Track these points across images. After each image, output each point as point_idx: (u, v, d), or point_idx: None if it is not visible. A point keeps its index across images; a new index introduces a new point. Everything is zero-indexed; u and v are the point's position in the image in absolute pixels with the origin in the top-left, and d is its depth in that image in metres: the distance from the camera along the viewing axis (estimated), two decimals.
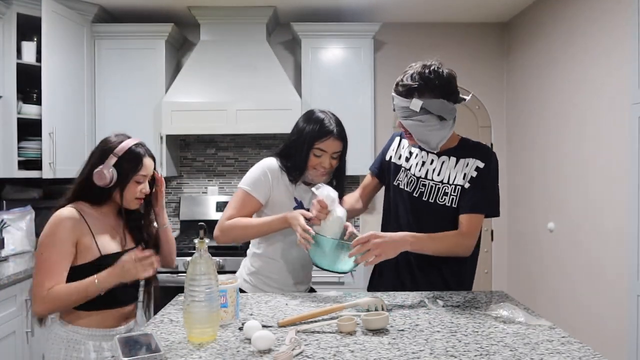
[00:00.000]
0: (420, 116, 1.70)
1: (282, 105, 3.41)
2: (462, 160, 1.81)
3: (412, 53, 3.96)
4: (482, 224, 1.81)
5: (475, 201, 1.76)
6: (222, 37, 3.65)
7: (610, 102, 2.64)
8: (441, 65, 1.73)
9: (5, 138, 3.12)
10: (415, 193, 1.86)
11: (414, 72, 1.71)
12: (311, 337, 1.36)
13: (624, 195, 2.50)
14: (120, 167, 1.70)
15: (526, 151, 3.66)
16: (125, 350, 1.21)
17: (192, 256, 1.36)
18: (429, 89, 1.69)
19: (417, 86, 1.69)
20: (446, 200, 1.80)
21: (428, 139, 1.77)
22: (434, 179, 1.83)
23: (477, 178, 1.77)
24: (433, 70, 1.69)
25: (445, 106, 1.71)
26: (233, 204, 1.90)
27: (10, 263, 2.87)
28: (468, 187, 1.77)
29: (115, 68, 3.59)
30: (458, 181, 1.79)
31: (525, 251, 3.67)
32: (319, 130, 1.85)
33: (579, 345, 1.28)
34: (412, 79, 1.70)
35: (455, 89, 1.74)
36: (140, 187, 1.73)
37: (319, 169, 1.88)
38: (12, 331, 2.59)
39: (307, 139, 1.85)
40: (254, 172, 1.92)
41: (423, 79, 1.69)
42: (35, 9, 3.14)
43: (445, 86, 1.70)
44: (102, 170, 1.67)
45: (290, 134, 1.95)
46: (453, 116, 1.77)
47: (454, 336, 1.35)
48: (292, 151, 1.89)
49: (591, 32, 2.82)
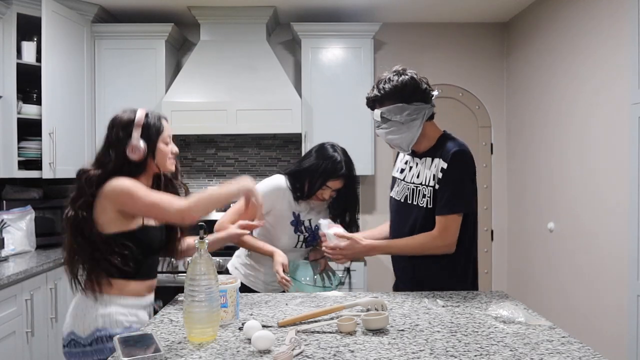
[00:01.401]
0: (384, 124, 1.85)
1: (282, 105, 3.41)
2: (434, 160, 1.86)
3: (412, 53, 3.97)
4: (455, 223, 1.83)
5: (443, 202, 1.82)
6: (222, 37, 3.65)
7: (610, 102, 2.64)
8: (402, 71, 1.83)
9: (5, 138, 3.12)
10: (402, 199, 1.94)
11: (374, 85, 1.88)
12: (311, 337, 1.36)
13: (624, 195, 2.50)
14: (146, 135, 1.74)
15: (526, 151, 3.66)
16: (125, 350, 1.21)
17: (192, 256, 1.36)
18: (384, 97, 1.83)
19: (374, 98, 1.86)
20: (424, 202, 1.85)
21: (398, 142, 1.88)
22: (414, 182, 1.91)
23: (442, 179, 1.82)
24: (387, 79, 1.83)
25: (405, 109, 1.81)
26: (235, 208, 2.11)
27: (10, 263, 2.87)
28: (438, 189, 1.83)
29: (115, 68, 3.59)
30: (430, 182, 1.85)
31: (525, 251, 3.67)
32: (333, 170, 2.09)
33: (579, 345, 1.28)
34: (372, 93, 1.87)
35: (413, 91, 1.81)
36: (169, 148, 1.80)
37: (320, 198, 2.15)
38: (12, 331, 2.59)
39: (322, 176, 2.09)
40: (264, 187, 2.11)
41: (378, 90, 1.84)
42: (35, 9, 3.14)
43: (399, 91, 1.81)
44: (134, 144, 1.70)
45: (303, 162, 2.17)
46: (419, 115, 1.82)
47: (454, 336, 1.35)
48: (304, 179, 2.13)
49: (591, 32, 2.82)
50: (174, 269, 1.89)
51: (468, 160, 1.83)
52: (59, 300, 3.08)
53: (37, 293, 2.83)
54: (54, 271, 3.02)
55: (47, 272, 2.95)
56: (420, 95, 1.82)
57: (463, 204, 1.83)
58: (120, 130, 1.75)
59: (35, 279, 2.82)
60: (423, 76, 1.86)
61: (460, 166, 1.81)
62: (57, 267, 3.07)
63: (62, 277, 3.13)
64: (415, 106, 1.81)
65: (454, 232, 1.82)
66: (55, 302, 3.00)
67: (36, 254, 3.18)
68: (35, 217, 3.27)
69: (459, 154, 1.81)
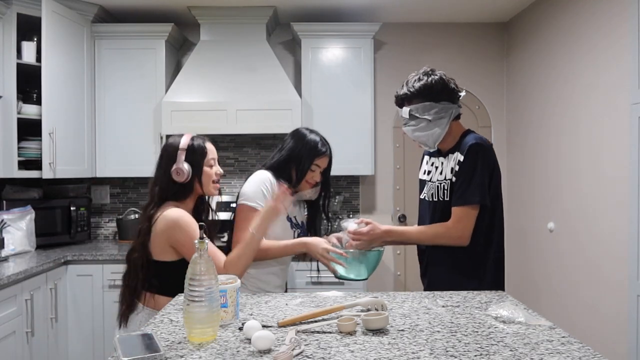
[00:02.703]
0: (412, 121, 1.91)
1: (282, 105, 3.41)
2: (454, 154, 1.92)
3: (412, 53, 3.97)
4: (469, 215, 1.85)
5: (458, 194, 1.86)
6: (222, 37, 3.65)
7: (610, 102, 2.64)
8: (431, 72, 1.91)
9: (5, 138, 3.12)
10: (432, 198, 1.99)
11: (403, 84, 1.94)
12: (311, 337, 1.36)
13: (624, 195, 2.50)
14: (190, 159, 1.90)
15: (526, 151, 3.66)
16: (125, 350, 1.21)
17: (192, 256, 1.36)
18: (414, 95, 1.89)
19: (404, 96, 1.92)
20: (446, 196, 1.91)
21: (424, 140, 1.94)
22: (439, 179, 1.96)
23: (459, 171, 1.87)
24: (418, 78, 1.90)
25: (432, 107, 1.87)
26: (245, 225, 1.91)
27: (10, 263, 2.87)
28: (455, 181, 1.88)
29: (115, 68, 3.59)
30: (448, 176, 1.92)
31: (525, 251, 3.67)
32: (317, 148, 2.07)
33: (579, 345, 1.28)
34: (401, 91, 1.93)
35: (441, 90, 1.89)
36: (214, 170, 1.98)
37: (310, 182, 2.10)
38: (12, 331, 2.59)
39: (309, 156, 2.05)
40: (253, 186, 2.01)
41: (408, 88, 1.91)
42: (35, 9, 3.14)
43: (428, 89, 1.88)
44: (178, 167, 1.88)
45: (282, 152, 2.11)
46: (446, 114, 1.89)
47: (454, 336, 1.35)
48: (289, 167, 2.07)
49: (591, 32, 2.82)
50: None
51: (485, 154, 1.86)
52: (59, 300, 3.08)
53: (37, 293, 2.83)
54: (54, 271, 3.03)
55: (47, 272, 2.95)
56: (447, 95, 1.89)
57: (478, 195, 1.84)
58: (167, 155, 1.92)
59: (35, 279, 2.82)
60: (451, 77, 1.93)
61: (475, 158, 1.84)
62: (57, 267, 3.08)
63: (62, 277, 3.14)
64: (443, 105, 1.88)
65: (467, 224, 1.86)
66: (55, 302, 3.00)
67: (36, 254, 3.18)
68: (35, 217, 3.27)
69: (475, 146, 1.85)
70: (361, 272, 1.97)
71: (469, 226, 1.86)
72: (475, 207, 1.85)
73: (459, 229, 1.86)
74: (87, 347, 3.21)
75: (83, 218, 3.59)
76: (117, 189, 3.97)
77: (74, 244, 3.58)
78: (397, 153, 4.02)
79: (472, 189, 1.84)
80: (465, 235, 1.86)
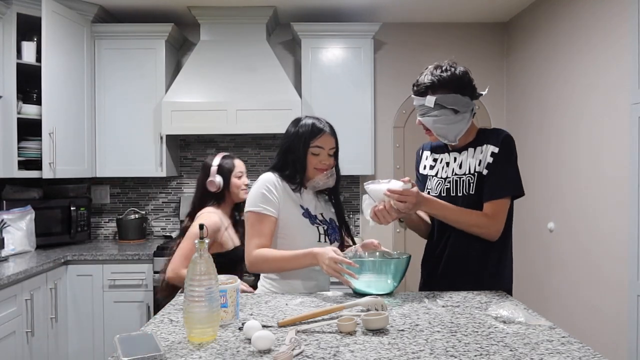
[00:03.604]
0: (435, 111, 1.82)
1: (282, 105, 3.41)
2: (478, 148, 1.87)
3: (412, 53, 3.97)
4: (505, 207, 1.82)
5: (496, 187, 1.80)
6: (222, 37, 3.65)
7: (610, 102, 2.64)
8: (455, 64, 1.85)
9: (5, 138, 3.12)
10: (443, 193, 1.91)
11: (428, 72, 1.85)
12: (311, 337, 1.36)
13: (624, 196, 2.50)
14: (221, 172, 2.46)
15: (526, 151, 3.65)
16: (125, 350, 1.21)
17: (192, 256, 1.36)
18: (440, 85, 1.81)
19: (429, 84, 1.82)
20: (471, 189, 1.85)
21: (445, 132, 1.86)
22: (457, 173, 1.90)
23: (494, 163, 1.81)
24: (445, 68, 1.83)
25: (459, 100, 1.82)
26: (252, 232, 1.86)
27: (10, 263, 2.87)
28: (487, 174, 1.82)
29: (115, 68, 3.59)
30: (476, 168, 1.84)
31: (525, 251, 3.67)
32: (312, 129, 1.90)
33: (579, 345, 1.28)
34: (425, 79, 1.84)
35: (467, 84, 1.84)
36: (241, 181, 2.50)
37: (320, 167, 1.91)
38: (12, 331, 2.59)
39: (303, 140, 1.89)
40: (257, 190, 1.89)
41: (434, 77, 1.82)
42: (35, 9, 3.14)
43: (457, 81, 1.82)
44: (210, 180, 2.45)
45: (281, 144, 1.97)
46: (469, 109, 1.85)
47: (454, 336, 1.35)
48: (288, 157, 1.92)
49: (591, 32, 2.82)
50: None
51: (515, 147, 1.86)
52: (59, 300, 3.08)
53: (37, 293, 2.83)
54: (54, 271, 3.03)
55: (47, 272, 2.95)
56: (471, 91, 1.85)
57: (516, 186, 1.83)
58: (202, 172, 2.50)
59: (35, 279, 2.82)
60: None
61: (511, 149, 1.83)
62: (57, 267, 3.08)
63: (61, 277, 3.14)
64: (467, 100, 1.84)
65: (503, 217, 1.82)
66: (55, 302, 3.00)
67: (36, 254, 3.18)
68: (35, 217, 3.27)
69: (509, 138, 1.84)
70: (384, 285, 1.74)
71: (504, 219, 1.82)
72: (509, 199, 1.83)
73: (500, 222, 1.81)
74: (87, 347, 3.21)
75: (83, 218, 3.59)
76: (117, 189, 3.97)
77: (74, 244, 3.58)
78: (397, 153, 4.02)
79: (513, 181, 1.82)
80: (501, 228, 1.82)
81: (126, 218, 3.72)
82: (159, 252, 3.23)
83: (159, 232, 3.98)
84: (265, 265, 1.86)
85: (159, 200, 3.98)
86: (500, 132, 1.88)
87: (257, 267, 1.89)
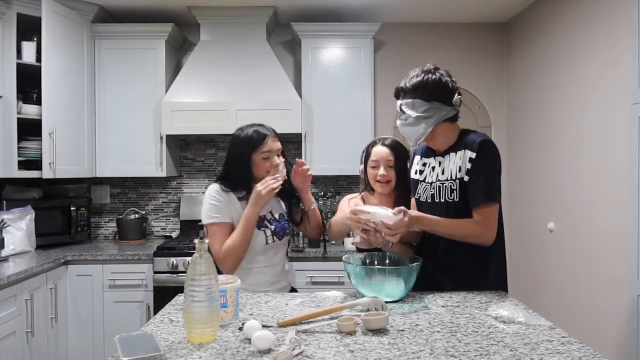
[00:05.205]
0: (402, 115, 1.92)
1: (282, 105, 3.41)
2: (459, 152, 1.87)
3: (412, 53, 3.97)
4: (495, 213, 1.81)
5: (480, 193, 1.79)
6: (222, 37, 3.65)
7: (610, 102, 2.64)
8: (433, 70, 1.87)
9: (5, 138, 3.13)
10: (429, 199, 1.94)
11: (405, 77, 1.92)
12: (311, 337, 1.36)
13: (624, 195, 2.50)
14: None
15: (526, 151, 3.66)
16: (125, 350, 1.21)
17: (192, 256, 1.36)
18: (408, 90, 1.89)
19: (400, 89, 1.93)
20: (455, 196, 1.84)
21: (408, 135, 1.93)
22: (440, 179, 1.91)
23: (472, 169, 1.81)
24: (416, 74, 1.89)
25: (421, 105, 1.85)
26: (214, 240, 1.96)
27: (10, 263, 2.87)
28: (468, 180, 1.81)
29: (115, 68, 3.59)
30: (456, 175, 1.85)
31: (525, 251, 3.67)
32: (257, 136, 1.99)
33: (579, 345, 1.28)
34: (401, 83, 1.93)
35: (433, 90, 1.85)
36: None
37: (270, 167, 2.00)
38: (12, 331, 2.59)
39: (249, 149, 1.97)
40: (206, 203, 1.99)
41: (405, 83, 1.91)
42: (35, 9, 3.14)
43: (421, 88, 1.85)
44: None
45: (227, 155, 2.06)
46: (435, 114, 1.85)
47: (454, 336, 1.35)
48: (232, 168, 2.01)
49: (591, 32, 2.82)
50: None
51: (495, 151, 1.85)
52: (59, 300, 3.08)
53: (37, 293, 2.84)
54: (54, 271, 3.03)
55: (47, 272, 2.95)
56: (440, 96, 1.85)
57: (499, 192, 1.82)
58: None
59: (35, 279, 2.82)
60: (454, 79, 1.89)
61: (489, 155, 1.82)
62: (57, 267, 3.08)
63: (61, 277, 3.14)
64: (433, 105, 1.84)
65: (495, 222, 1.82)
66: (55, 302, 3.00)
67: (36, 254, 3.18)
68: (35, 217, 3.27)
69: (486, 142, 1.83)
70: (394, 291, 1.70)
71: (496, 224, 1.82)
72: (497, 204, 1.83)
73: (492, 228, 1.81)
74: (87, 347, 3.21)
75: (83, 218, 3.59)
76: (117, 189, 3.97)
77: (74, 244, 3.58)
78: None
79: (495, 186, 1.81)
80: (495, 233, 1.82)
81: (126, 218, 3.72)
82: (159, 252, 3.23)
83: (159, 232, 3.98)
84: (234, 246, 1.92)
85: (159, 200, 3.98)
86: (477, 136, 1.85)
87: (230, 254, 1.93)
